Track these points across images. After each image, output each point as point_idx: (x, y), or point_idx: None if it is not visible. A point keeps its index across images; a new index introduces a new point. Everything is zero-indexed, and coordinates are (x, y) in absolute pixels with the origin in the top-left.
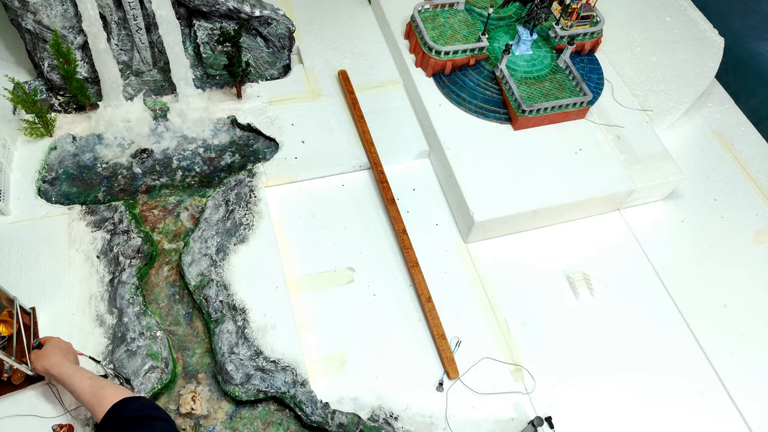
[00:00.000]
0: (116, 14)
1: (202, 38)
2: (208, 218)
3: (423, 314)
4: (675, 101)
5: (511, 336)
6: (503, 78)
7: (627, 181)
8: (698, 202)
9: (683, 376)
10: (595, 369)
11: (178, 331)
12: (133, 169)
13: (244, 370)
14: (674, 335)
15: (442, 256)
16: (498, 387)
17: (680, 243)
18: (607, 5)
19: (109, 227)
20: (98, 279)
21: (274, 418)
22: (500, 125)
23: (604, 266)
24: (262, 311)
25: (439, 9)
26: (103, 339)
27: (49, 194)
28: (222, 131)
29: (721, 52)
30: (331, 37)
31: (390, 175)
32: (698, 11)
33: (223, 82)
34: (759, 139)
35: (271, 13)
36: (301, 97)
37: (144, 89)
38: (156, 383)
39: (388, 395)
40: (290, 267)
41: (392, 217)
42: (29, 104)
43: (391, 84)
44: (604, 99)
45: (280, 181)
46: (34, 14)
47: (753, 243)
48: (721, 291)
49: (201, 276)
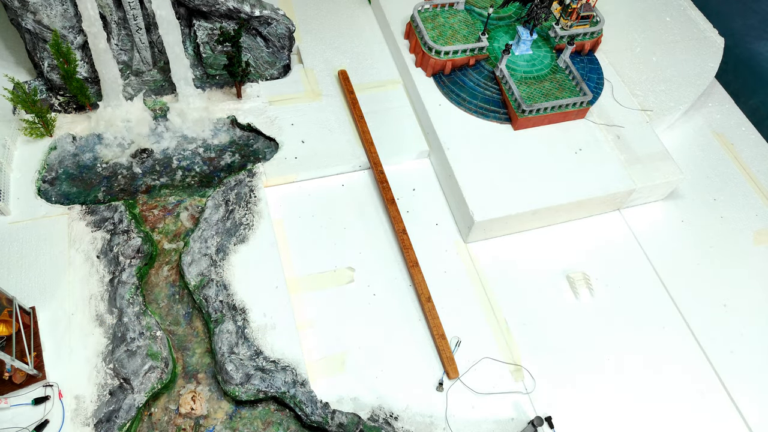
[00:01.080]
0: (116, 14)
1: (202, 38)
2: (208, 218)
3: (423, 314)
4: (675, 101)
5: (511, 336)
6: (503, 78)
7: (627, 181)
8: (698, 202)
9: (683, 376)
10: (595, 369)
11: (178, 331)
12: (133, 169)
13: (244, 370)
14: (674, 335)
15: (442, 256)
16: (498, 387)
17: (680, 243)
18: (607, 5)
19: (109, 227)
20: (98, 279)
21: (274, 418)
22: (500, 125)
23: (604, 266)
24: (262, 311)
25: (439, 9)
26: (103, 339)
27: (49, 194)
28: (222, 131)
29: (721, 52)
30: (331, 37)
31: (390, 175)
32: (698, 11)
33: (223, 82)
34: (759, 139)
35: (271, 13)
36: (301, 97)
37: (144, 89)
38: (156, 383)
39: (388, 395)
40: (290, 267)
41: (392, 217)
42: (29, 104)
43: (391, 84)
44: (604, 99)
45: (280, 181)
46: (34, 14)
47: (753, 243)
48: (721, 291)
49: (201, 276)
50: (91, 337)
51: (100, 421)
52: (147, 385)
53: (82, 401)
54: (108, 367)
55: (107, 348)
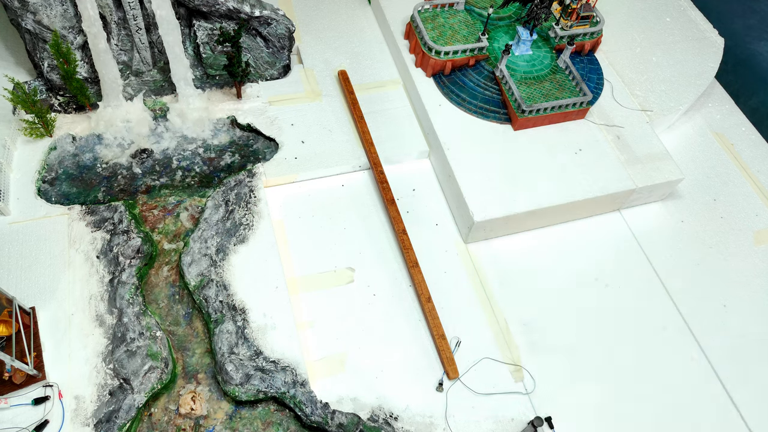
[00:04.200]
0: (116, 14)
1: (202, 38)
2: (208, 218)
3: (423, 314)
4: (675, 101)
5: (511, 336)
6: (503, 78)
7: (627, 181)
8: (698, 203)
9: (683, 376)
10: (595, 369)
11: (178, 331)
12: (133, 169)
13: (244, 370)
14: (674, 335)
15: (442, 256)
16: (498, 387)
17: (680, 243)
18: (607, 5)
19: (109, 227)
20: (98, 279)
21: (274, 418)
22: (500, 125)
23: (604, 266)
24: (262, 311)
25: (439, 9)
26: (103, 339)
27: (49, 194)
28: (222, 131)
29: (721, 52)
30: (331, 37)
31: (390, 175)
32: (698, 11)
33: (223, 82)
34: (759, 139)
35: (271, 14)
36: (301, 97)
37: (144, 89)
38: (156, 383)
39: (388, 395)
40: (290, 267)
41: (392, 217)
42: (29, 104)
43: (391, 84)
44: (604, 99)
45: (280, 181)
46: (34, 14)
47: (753, 243)
48: (721, 291)
49: (201, 276)
50: (90, 338)
51: (100, 421)
52: (147, 386)
53: (82, 401)
54: (108, 368)
55: (107, 348)
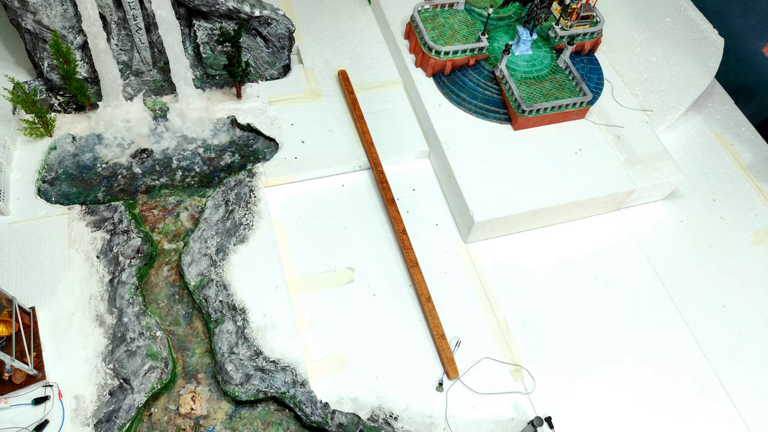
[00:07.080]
0: (116, 14)
1: (202, 38)
2: (207, 218)
3: (423, 314)
4: (675, 101)
5: (511, 336)
6: (503, 78)
7: (627, 181)
8: (698, 202)
9: (683, 376)
10: (595, 369)
11: (178, 331)
12: (133, 169)
13: (243, 370)
14: (674, 335)
15: (442, 256)
16: (498, 387)
17: (680, 243)
18: (607, 5)
19: (108, 227)
20: (98, 279)
21: (274, 418)
22: (500, 125)
23: (604, 266)
24: (262, 311)
25: (439, 9)
26: (103, 339)
27: (49, 194)
28: (222, 131)
29: (721, 52)
30: (331, 37)
31: (390, 175)
32: (698, 11)
33: (223, 82)
34: (759, 140)
35: (271, 13)
36: (301, 97)
37: (144, 89)
38: (156, 383)
39: (388, 395)
40: (290, 267)
41: (392, 217)
42: (29, 104)
43: (391, 84)
44: (604, 99)
45: (280, 181)
46: (34, 14)
47: (752, 243)
48: (721, 291)
49: (201, 276)
50: (90, 337)
51: (100, 421)
52: (147, 386)
53: (82, 401)
54: (108, 368)
55: (107, 348)
